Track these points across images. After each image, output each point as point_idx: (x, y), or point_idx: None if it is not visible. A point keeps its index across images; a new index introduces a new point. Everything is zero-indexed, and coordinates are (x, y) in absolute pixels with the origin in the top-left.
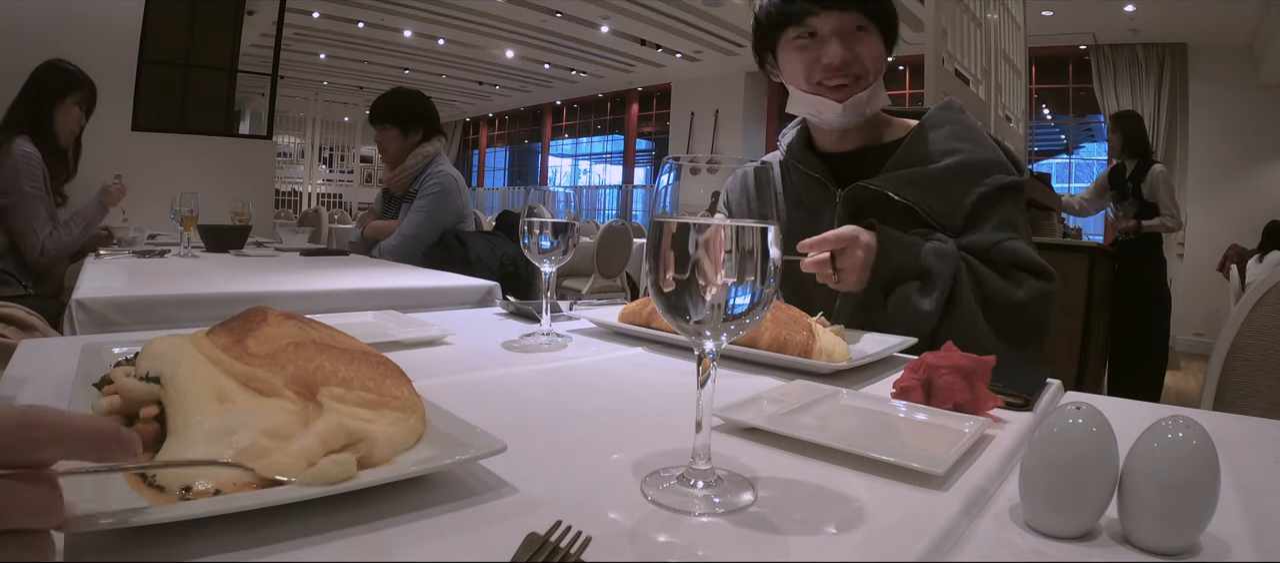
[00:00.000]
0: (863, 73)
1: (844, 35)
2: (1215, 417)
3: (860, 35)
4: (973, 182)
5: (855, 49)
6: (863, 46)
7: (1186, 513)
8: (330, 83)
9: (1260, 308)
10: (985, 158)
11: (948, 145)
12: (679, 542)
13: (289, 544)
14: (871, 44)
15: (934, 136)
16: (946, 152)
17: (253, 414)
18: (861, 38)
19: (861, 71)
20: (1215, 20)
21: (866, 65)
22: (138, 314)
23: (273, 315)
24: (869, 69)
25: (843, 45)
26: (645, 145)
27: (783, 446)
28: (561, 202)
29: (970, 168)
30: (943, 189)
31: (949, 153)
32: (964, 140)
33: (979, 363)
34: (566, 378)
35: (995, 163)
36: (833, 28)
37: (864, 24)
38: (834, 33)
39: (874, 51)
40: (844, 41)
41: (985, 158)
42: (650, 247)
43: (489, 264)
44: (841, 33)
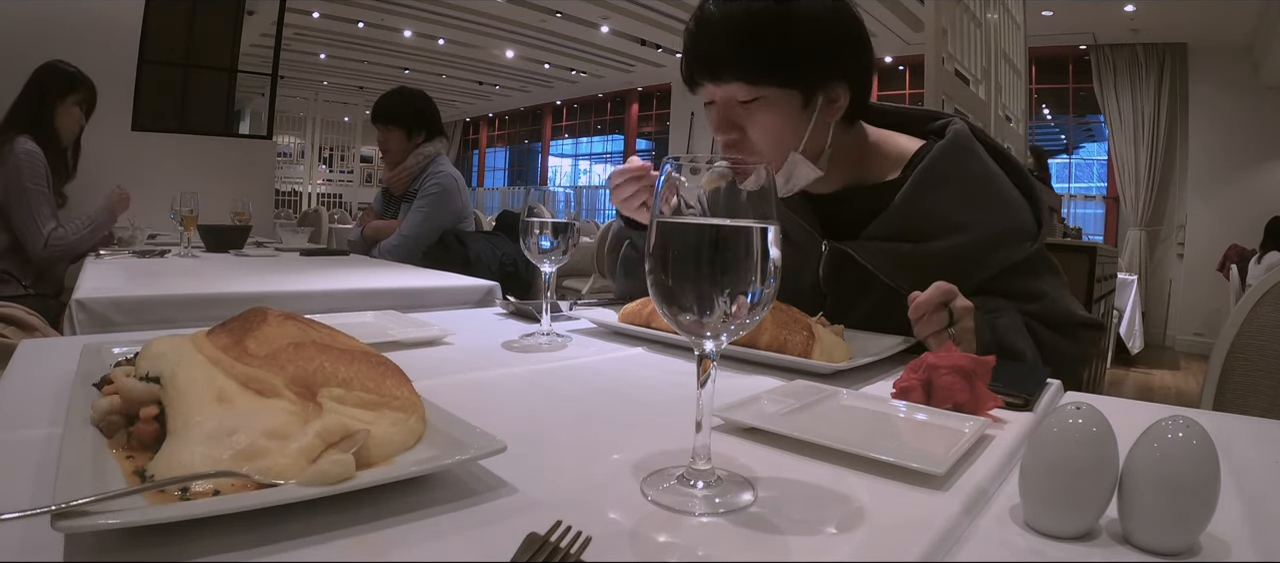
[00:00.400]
0: (753, 154)
1: (729, 108)
2: (1215, 417)
3: (750, 108)
4: (981, 264)
5: (739, 125)
6: (750, 122)
7: (1186, 513)
8: (330, 83)
9: (1260, 308)
10: (998, 230)
11: (954, 216)
12: (679, 542)
13: (289, 544)
14: (762, 118)
15: (933, 202)
16: (955, 226)
17: (252, 415)
18: (751, 111)
19: (749, 153)
20: (1215, 20)
21: (758, 147)
22: (138, 314)
23: (273, 316)
24: (761, 149)
25: (724, 119)
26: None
27: (783, 446)
28: (561, 202)
29: (980, 248)
30: (947, 273)
31: (954, 229)
32: (975, 206)
33: (979, 363)
34: (566, 378)
35: (1012, 232)
36: (719, 98)
37: (749, 97)
38: (720, 102)
39: (765, 126)
40: (726, 115)
41: (998, 230)
42: (650, 247)
43: (489, 264)
44: (726, 104)
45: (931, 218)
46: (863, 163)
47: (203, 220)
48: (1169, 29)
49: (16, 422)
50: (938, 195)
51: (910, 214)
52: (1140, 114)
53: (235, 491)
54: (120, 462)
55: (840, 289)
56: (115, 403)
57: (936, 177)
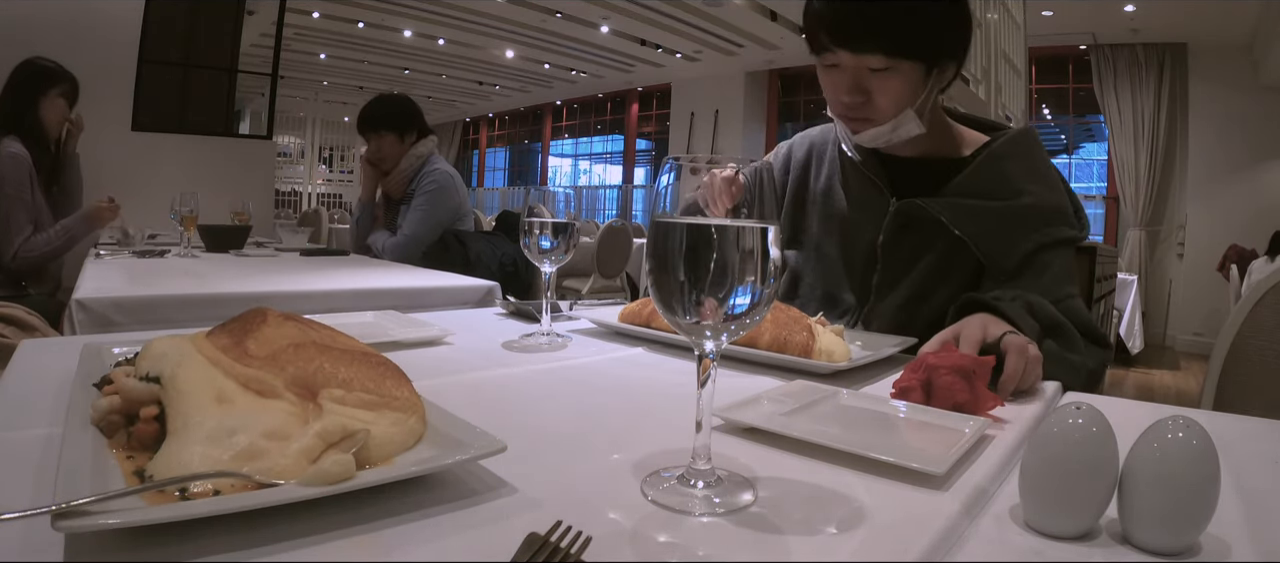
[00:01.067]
0: (872, 115)
1: (860, 75)
2: (1215, 417)
3: (878, 76)
4: (1036, 228)
5: (869, 90)
6: (880, 89)
7: (1186, 513)
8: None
9: (1260, 308)
10: (1052, 205)
11: (1018, 184)
12: (679, 542)
13: (289, 544)
14: (891, 85)
15: (1007, 168)
16: (1016, 190)
17: (252, 415)
18: (879, 78)
19: (872, 116)
20: (1215, 20)
21: (881, 107)
22: (138, 314)
23: (273, 316)
24: (886, 111)
25: (855, 85)
26: (645, 145)
27: (783, 446)
28: (561, 202)
29: (1036, 214)
30: (1004, 230)
31: (1018, 193)
32: (1036, 180)
33: (979, 363)
34: (566, 378)
35: (1061, 212)
36: (850, 64)
37: (883, 65)
38: (851, 69)
39: (893, 92)
40: (858, 81)
41: (1052, 205)
42: (651, 247)
43: (489, 264)
44: (857, 71)
45: (1002, 181)
46: (941, 137)
47: (203, 220)
48: (1169, 29)
49: (16, 422)
50: (1008, 165)
51: (981, 179)
52: (1140, 114)
53: (235, 491)
54: (120, 462)
55: (894, 256)
56: (115, 403)
57: (1007, 152)
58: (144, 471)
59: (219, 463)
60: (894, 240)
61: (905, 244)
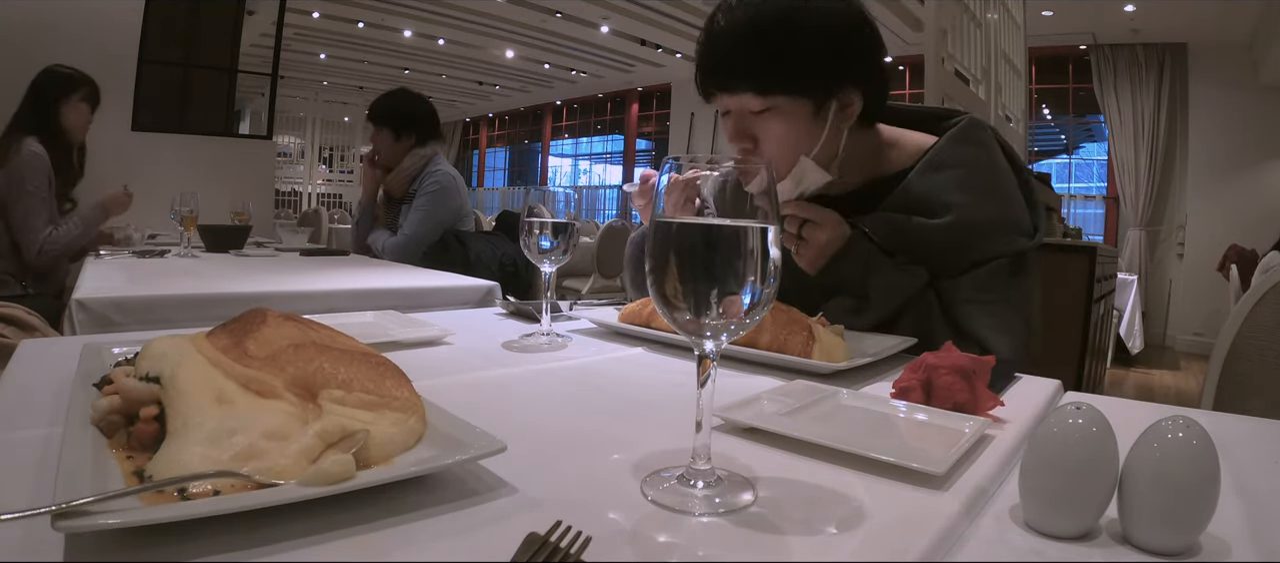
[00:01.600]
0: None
1: (742, 118)
2: (1215, 417)
3: (762, 119)
4: (969, 247)
5: (752, 134)
6: (764, 134)
7: (1186, 513)
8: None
9: (1260, 308)
10: (984, 218)
11: (947, 197)
12: (679, 542)
13: (289, 544)
14: (774, 129)
15: (935, 182)
16: (944, 205)
17: (252, 416)
18: (763, 122)
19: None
20: (1215, 20)
21: (768, 154)
22: (138, 314)
23: (272, 317)
24: (775, 158)
25: (738, 130)
26: (645, 145)
27: (783, 446)
28: (561, 202)
29: (968, 230)
30: (932, 250)
31: (946, 208)
32: (965, 190)
33: (979, 363)
34: (566, 378)
35: (1000, 225)
36: (734, 108)
37: (760, 107)
38: (735, 113)
39: (777, 136)
40: (740, 126)
41: (984, 218)
42: (651, 247)
43: (489, 264)
44: (739, 115)
45: (929, 197)
46: (879, 161)
47: (203, 220)
48: (1169, 29)
49: (16, 422)
50: (938, 178)
51: (913, 194)
52: (1140, 114)
53: (235, 491)
54: (120, 462)
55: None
56: (115, 403)
57: (939, 160)
58: (144, 471)
59: (218, 463)
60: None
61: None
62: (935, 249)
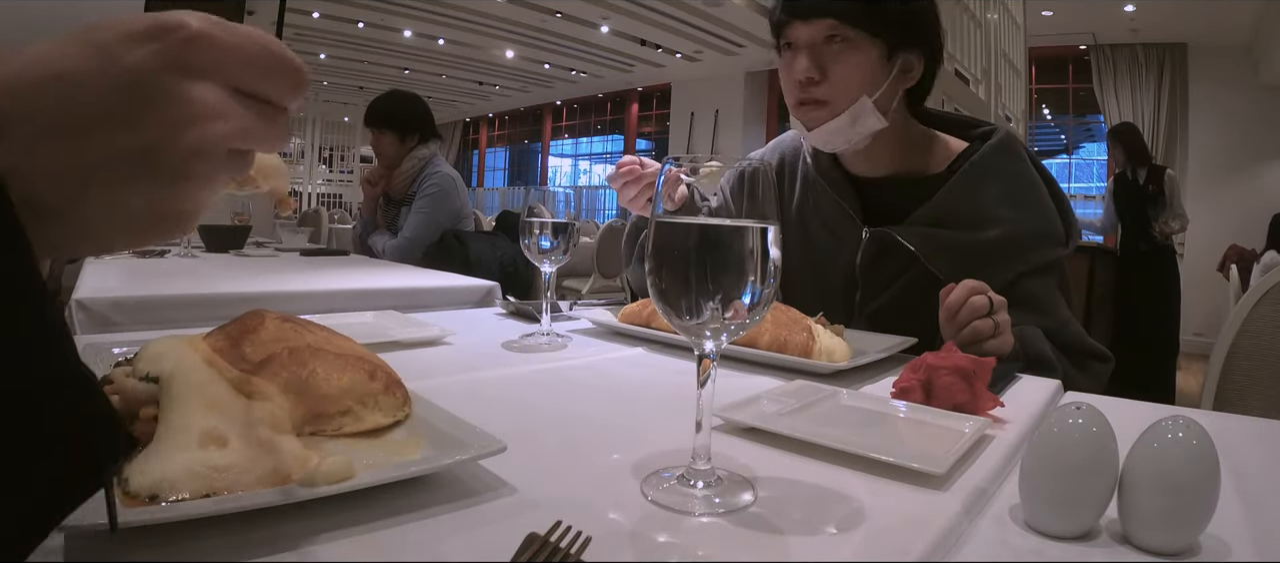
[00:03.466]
0: (828, 97)
1: (815, 49)
2: (1215, 417)
3: (832, 48)
4: (1016, 258)
5: (823, 65)
6: (834, 62)
7: (1186, 513)
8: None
9: (1260, 308)
10: (1033, 231)
11: (995, 211)
12: (679, 542)
13: (289, 544)
14: (847, 59)
15: (980, 193)
16: (992, 219)
17: (243, 420)
18: (834, 52)
19: (826, 96)
20: (1215, 20)
21: (835, 86)
22: (138, 314)
23: (269, 319)
24: (838, 91)
25: (810, 60)
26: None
27: (783, 446)
28: (561, 202)
29: (1015, 245)
30: (976, 264)
31: (994, 222)
32: (1014, 205)
33: (979, 364)
34: (566, 378)
35: (1043, 235)
36: (805, 38)
37: (836, 33)
38: (806, 43)
39: (849, 68)
40: (813, 55)
41: (1033, 231)
42: (651, 247)
43: (489, 264)
44: (812, 45)
45: (975, 209)
46: (911, 152)
47: (203, 220)
48: (1169, 29)
49: None
50: (983, 190)
51: (955, 204)
52: (1140, 114)
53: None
54: None
55: (873, 279)
56: (115, 403)
57: (984, 172)
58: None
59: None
60: (872, 265)
61: (883, 267)
62: (979, 260)
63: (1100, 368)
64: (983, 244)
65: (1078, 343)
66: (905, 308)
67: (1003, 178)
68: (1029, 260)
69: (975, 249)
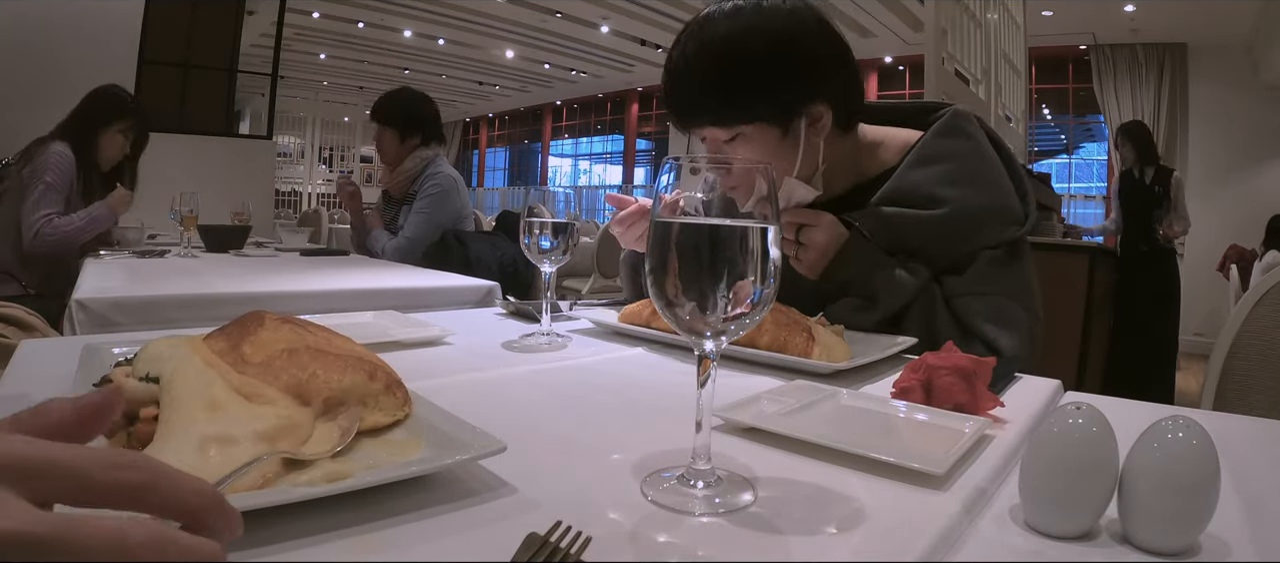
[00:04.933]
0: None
1: (716, 146)
2: (1215, 417)
3: (732, 146)
4: (961, 238)
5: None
6: (742, 154)
7: (1186, 513)
8: (330, 83)
9: (1260, 308)
10: (974, 208)
11: (937, 190)
12: (679, 542)
13: (289, 544)
14: (748, 155)
15: (924, 176)
16: (934, 199)
17: (243, 421)
18: (734, 149)
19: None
20: (1215, 20)
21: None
22: (138, 314)
23: (269, 320)
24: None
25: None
26: (645, 145)
27: (783, 446)
28: (561, 202)
29: (959, 223)
30: (925, 242)
31: (936, 202)
32: (958, 183)
33: (979, 364)
34: (566, 378)
35: (994, 211)
36: (707, 140)
37: (728, 136)
38: (710, 144)
39: (758, 155)
40: (715, 153)
41: (974, 208)
42: (651, 247)
43: (489, 264)
44: (714, 145)
45: (917, 190)
46: (863, 163)
47: (203, 220)
48: (1169, 29)
49: None
50: (926, 172)
51: (900, 189)
52: (1140, 114)
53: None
54: None
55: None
56: None
57: (926, 155)
58: None
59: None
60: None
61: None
62: (929, 241)
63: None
64: (927, 221)
65: (967, 318)
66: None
67: (944, 157)
68: (979, 240)
69: (925, 225)
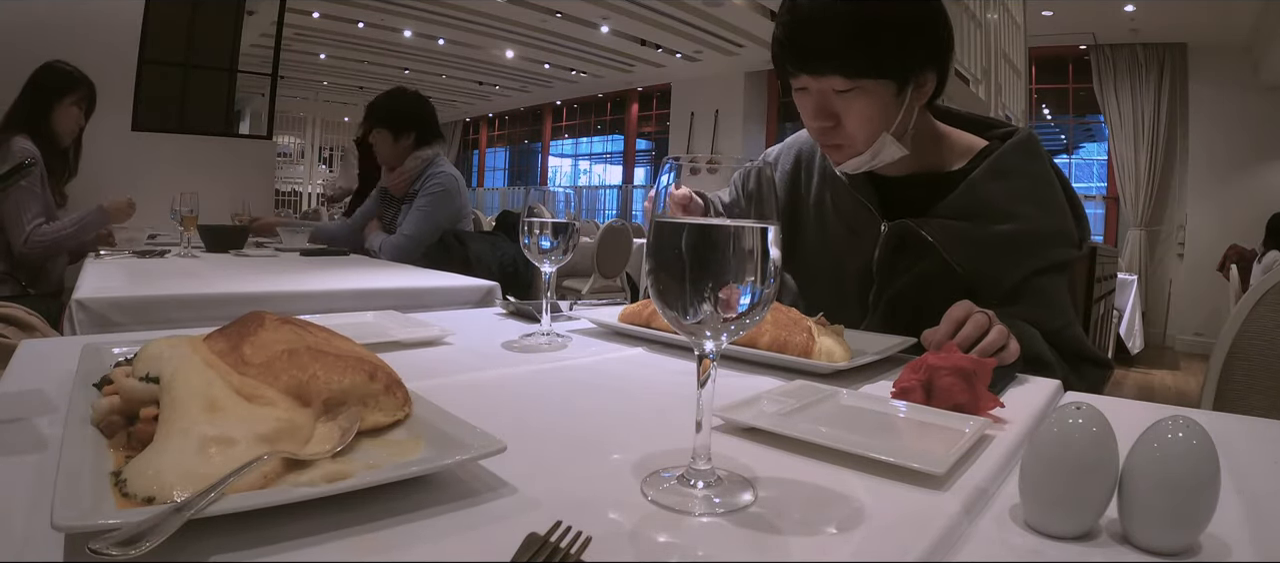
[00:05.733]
0: (844, 141)
1: (825, 97)
2: (1215, 417)
3: (844, 98)
4: (1028, 254)
5: (836, 113)
6: (847, 111)
7: (1186, 513)
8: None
9: (1260, 308)
10: (1050, 229)
11: (1013, 206)
12: (679, 542)
13: (289, 544)
14: (858, 106)
15: (999, 190)
16: (1010, 215)
17: (243, 422)
18: (845, 101)
19: (842, 141)
20: (1215, 20)
21: (850, 133)
22: (138, 314)
23: (269, 320)
24: (854, 136)
25: (821, 109)
26: (645, 145)
27: (783, 446)
28: (561, 202)
29: (1028, 240)
30: (992, 257)
31: (1010, 217)
32: (1030, 202)
33: (979, 365)
34: (566, 378)
35: (1059, 235)
36: (814, 88)
37: (846, 87)
38: (816, 92)
39: (862, 114)
40: (823, 105)
41: (1050, 229)
42: (651, 247)
43: (489, 264)
44: (822, 95)
45: (994, 204)
46: (932, 150)
47: (203, 220)
48: (1169, 29)
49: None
50: (1003, 185)
51: (975, 198)
52: (1140, 114)
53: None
54: (120, 463)
55: (890, 273)
56: (116, 403)
57: (1005, 168)
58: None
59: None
60: (889, 260)
61: (900, 263)
62: (997, 254)
63: (1096, 374)
64: (999, 237)
65: (1077, 345)
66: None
67: (1023, 176)
68: (1043, 257)
69: (991, 242)
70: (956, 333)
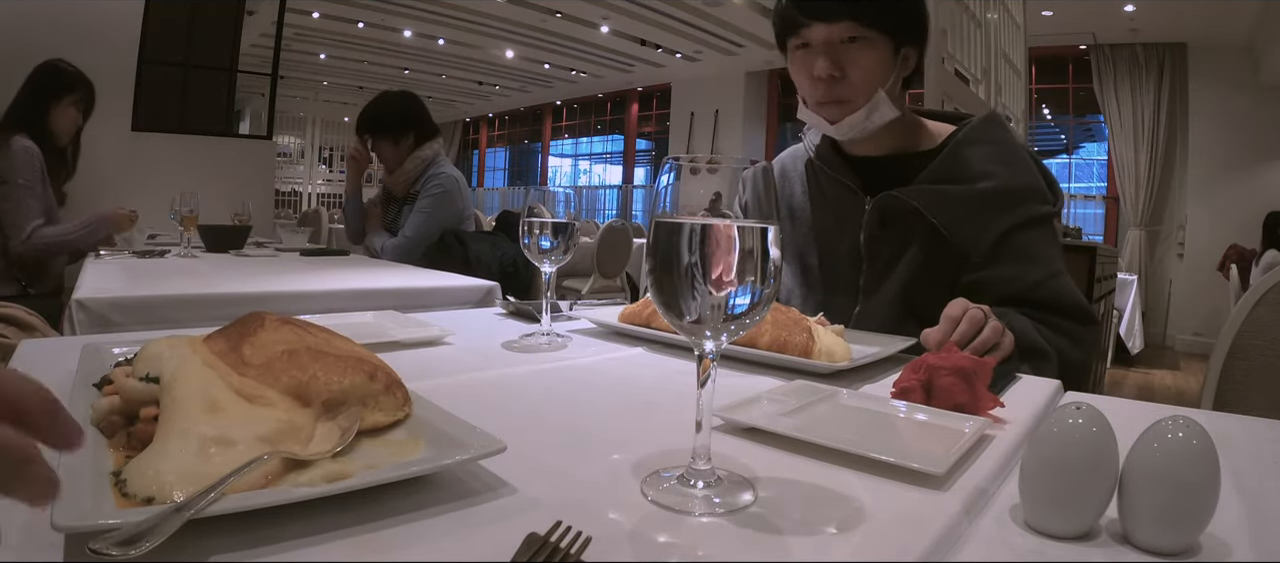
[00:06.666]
0: (848, 96)
1: (832, 48)
2: (1215, 417)
3: (852, 48)
4: (1005, 209)
5: (843, 65)
6: (853, 62)
7: (1186, 513)
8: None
9: (1260, 308)
10: (1022, 185)
11: (985, 167)
12: (679, 542)
13: (289, 544)
14: (866, 57)
15: (972, 154)
16: (983, 174)
17: (243, 423)
18: (853, 51)
19: (846, 95)
20: (1215, 20)
21: (854, 85)
22: (138, 314)
23: (269, 320)
24: (857, 89)
25: (830, 60)
26: (645, 145)
27: (783, 446)
28: (561, 202)
29: (1004, 195)
30: (971, 214)
31: (985, 176)
32: (1002, 162)
33: (979, 364)
34: (566, 378)
35: (1031, 191)
36: (822, 38)
37: (858, 34)
38: (824, 43)
39: (866, 66)
40: (831, 55)
41: (1022, 185)
42: (651, 247)
43: (489, 264)
44: (830, 44)
45: (968, 166)
46: (908, 132)
47: (203, 220)
48: (1169, 29)
49: None
50: (975, 152)
51: (951, 165)
52: (1140, 114)
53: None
54: (120, 462)
55: (877, 253)
56: (116, 403)
57: (975, 138)
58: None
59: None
60: (875, 237)
61: (886, 240)
62: (977, 211)
63: (1082, 331)
64: (979, 195)
65: (1058, 298)
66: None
67: (991, 142)
68: (1020, 213)
69: (972, 199)
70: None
